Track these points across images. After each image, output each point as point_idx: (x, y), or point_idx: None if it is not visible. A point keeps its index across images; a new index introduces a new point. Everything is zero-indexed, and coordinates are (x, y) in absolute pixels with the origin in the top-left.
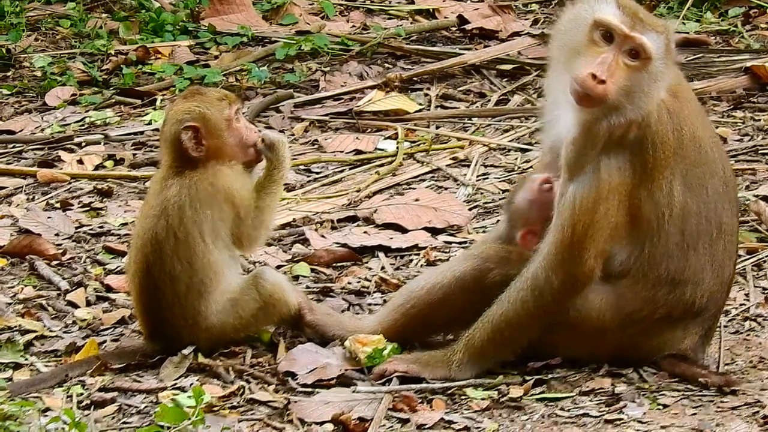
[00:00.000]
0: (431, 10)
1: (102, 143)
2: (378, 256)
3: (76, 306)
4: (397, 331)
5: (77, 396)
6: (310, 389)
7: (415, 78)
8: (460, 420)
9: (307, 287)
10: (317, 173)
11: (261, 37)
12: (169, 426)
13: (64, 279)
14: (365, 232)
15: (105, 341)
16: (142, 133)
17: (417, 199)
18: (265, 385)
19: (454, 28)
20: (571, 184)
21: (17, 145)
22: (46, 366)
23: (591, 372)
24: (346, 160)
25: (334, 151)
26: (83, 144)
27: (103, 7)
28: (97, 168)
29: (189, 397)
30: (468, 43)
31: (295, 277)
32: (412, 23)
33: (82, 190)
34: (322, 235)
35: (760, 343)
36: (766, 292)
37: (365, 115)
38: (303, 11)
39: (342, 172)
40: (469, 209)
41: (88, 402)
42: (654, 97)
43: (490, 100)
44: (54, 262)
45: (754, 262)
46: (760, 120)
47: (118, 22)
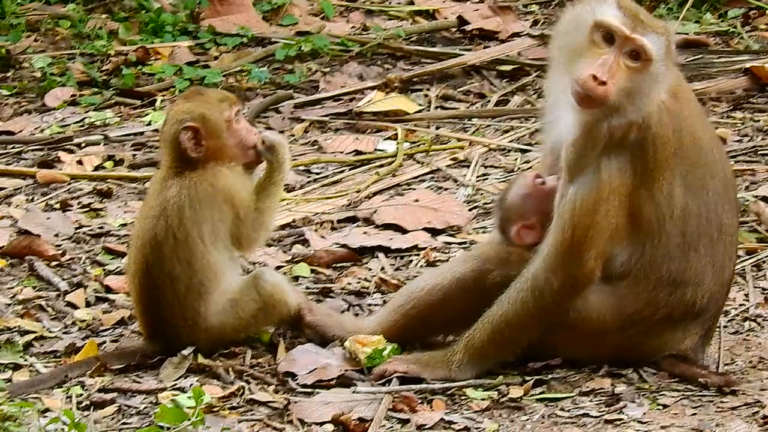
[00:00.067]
0: (431, 11)
1: (102, 144)
2: (378, 257)
3: (75, 307)
4: (397, 331)
5: (77, 397)
6: (310, 390)
7: (415, 79)
8: (460, 420)
9: (307, 288)
10: (317, 174)
11: (261, 38)
12: (169, 427)
13: (63, 280)
14: (365, 233)
15: (104, 342)
16: (141, 133)
17: (417, 200)
18: (265, 386)
19: (454, 29)
20: (571, 186)
21: (17, 145)
22: (45, 367)
23: (591, 372)
24: (346, 160)
25: (333, 152)
26: (83, 145)
27: (102, 7)
28: (96, 169)
29: (189, 397)
30: (468, 43)
31: (295, 278)
32: (412, 24)
33: (81, 190)
34: (322, 236)
35: (760, 344)
36: (766, 292)
37: (365, 115)
38: (303, 12)
39: (342, 172)
40: (469, 210)
41: (88, 403)
42: (654, 99)
43: (490, 101)
44: (53, 263)
45: (754, 263)
46: (759, 121)
47: (118, 23)
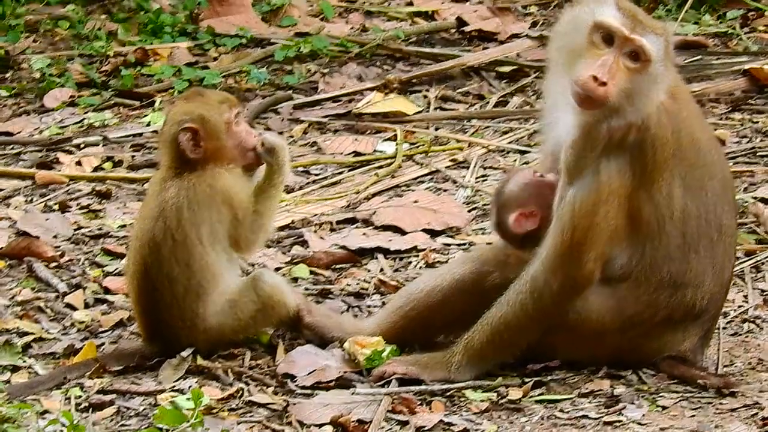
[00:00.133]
0: (430, 12)
1: (101, 145)
2: (377, 258)
3: (74, 308)
4: (396, 333)
5: (75, 398)
6: (309, 391)
7: (414, 80)
8: (460, 422)
9: (306, 289)
10: (316, 175)
11: (260, 39)
12: (168, 428)
13: (62, 281)
14: (364, 234)
15: (103, 343)
16: (140, 134)
17: (416, 201)
18: (264, 387)
19: (453, 30)
20: (570, 187)
21: (15, 146)
22: (44, 368)
23: (590, 374)
24: (345, 161)
25: (333, 153)
26: (82, 146)
27: (101, 8)
28: (95, 170)
29: (188, 399)
30: (467, 44)
31: (294, 279)
32: (411, 25)
33: (80, 191)
34: (321, 237)
35: (759, 345)
36: (765, 294)
37: (364, 116)
38: (302, 13)
39: (341, 173)
40: (468, 211)
41: (87, 404)
42: (653, 100)
43: (489, 102)
44: (52, 264)
45: (753, 264)
46: (758, 122)
47: (117, 24)
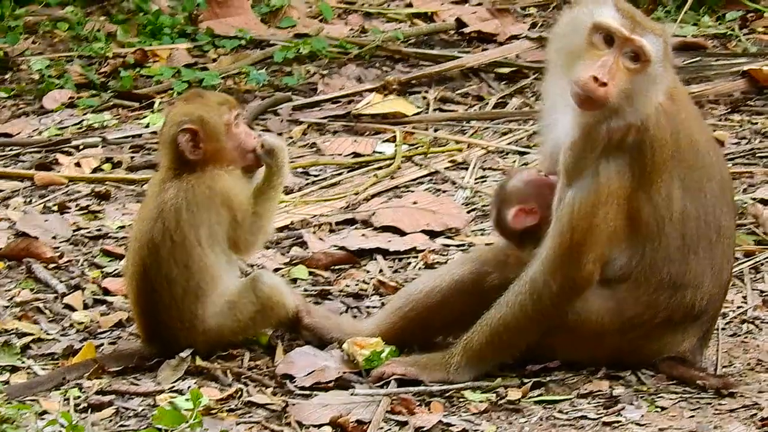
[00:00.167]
0: (429, 14)
1: (100, 146)
2: (376, 259)
3: (73, 309)
4: (396, 333)
5: (74, 399)
6: (308, 392)
7: (413, 81)
8: (459, 422)
9: (305, 290)
10: (315, 176)
11: (259, 40)
12: (167, 429)
13: (61, 282)
14: (363, 235)
15: (102, 344)
16: (140, 136)
17: (415, 202)
18: (263, 388)
19: (453, 32)
20: (569, 189)
21: (14, 148)
22: (43, 369)
23: (589, 374)
24: (345, 162)
25: (332, 154)
26: (81, 147)
27: (101, 10)
28: (94, 171)
29: (187, 399)
30: (466, 46)
31: (293, 280)
32: (410, 26)
33: (79, 193)
34: (320, 238)
35: (758, 346)
36: (764, 294)
37: (363, 118)
38: (301, 14)
39: (340, 174)
40: (468, 212)
41: (86, 405)
42: (653, 100)
43: (489, 103)
44: (51, 265)
45: (752, 265)
46: (757, 123)
47: (116, 25)
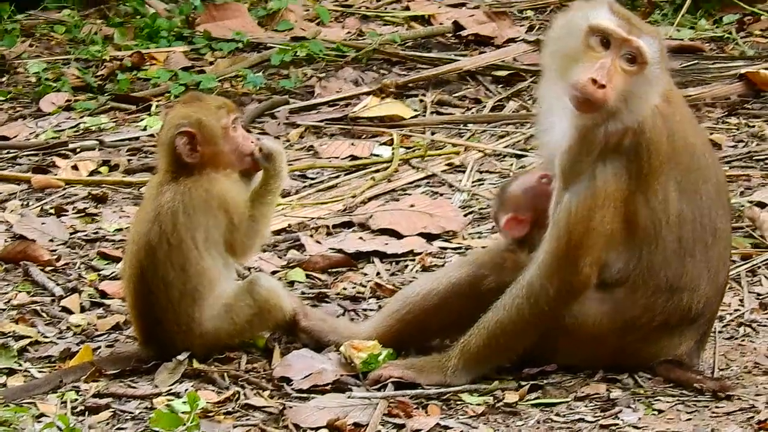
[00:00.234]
0: (426, 17)
1: (97, 149)
2: (373, 262)
3: (70, 312)
4: (393, 336)
5: (71, 402)
6: (305, 395)
7: (410, 84)
8: (456, 425)
9: (302, 293)
10: (312, 179)
11: (256, 43)
12: None
13: (58, 285)
14: (360, 238)
15: (99, 347)
16: (137, 138)
17: (412, 205)
18: (260, 391)
19: (450, 35)
20: (566, 192)
21: (11, 150)
22: (40, 372)
23: (586, 377)
24: (342, 165)
25: (329, 157)
26: (78, 150)
27: (98, 13)
28: (91, 174)
29: (184, 402)
30: (463, 49)
31: (290, 283)
32: (407, 29)
33: (76, 195)
34: (318, 241)
35: (755, 349)
36: (761, 297)
37: (361, 121)
38: (298, 17)
39: (337, 177)
40: (465, 215)
41: (83, 408)
42: (649, 103)
43: (486, 106)
44: (48, 268)
45: (749, 268)
46: (754, 126)
47: (113, 28)
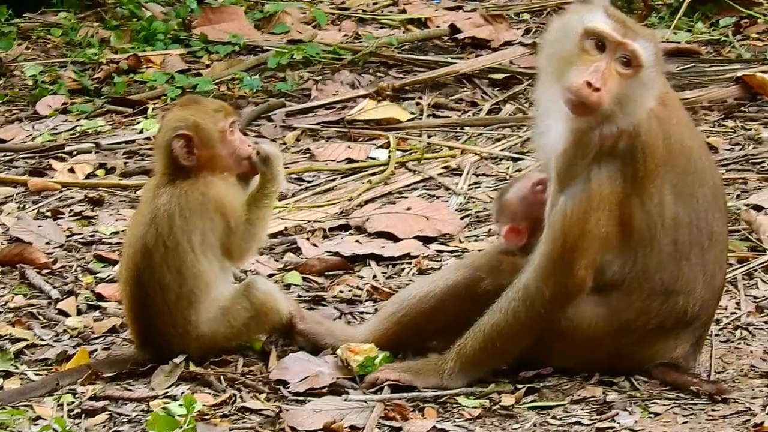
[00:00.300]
0: (423, 20)
1: (93, 152)
2: (370, 265)
3: (66, 315)
4: (389, 339)
5: (68, 405)
6: (301, 398)
7: (407, 87)
8: (452, 428)
9: (299, 296)
10: (309, 182)
11: (253, 46)
12: None
13: (54, 288)
14: (357, 241)
15: (96, 350)
16: (133, 141)
17: (409, 208)
18: (257, 394)
19: (446, 38)
20: (561, 195)
21: (8, 153)
22: (36, 375)
23: (582, 380)
24: (338, 168)
25: (326, 160)
26: (74, 153)
27: (94, 15)
28: (88, 177)
29: (180, 405)
30: (460, 52)
31: (287, 286)
32: (404, 32)
33: (73, 198)
34: (314, 244)
35: (751, 352)
36: (757, 301)
37: (357, 123)
38: (295, 20)
39: (334, 180)
40: (461, 218)
41: (79, 411)
42: (645, 106)
43: (482, 109)
44: (45, 271)
45: (745, 271)
46: (750, 129)
47: (110, 31)
